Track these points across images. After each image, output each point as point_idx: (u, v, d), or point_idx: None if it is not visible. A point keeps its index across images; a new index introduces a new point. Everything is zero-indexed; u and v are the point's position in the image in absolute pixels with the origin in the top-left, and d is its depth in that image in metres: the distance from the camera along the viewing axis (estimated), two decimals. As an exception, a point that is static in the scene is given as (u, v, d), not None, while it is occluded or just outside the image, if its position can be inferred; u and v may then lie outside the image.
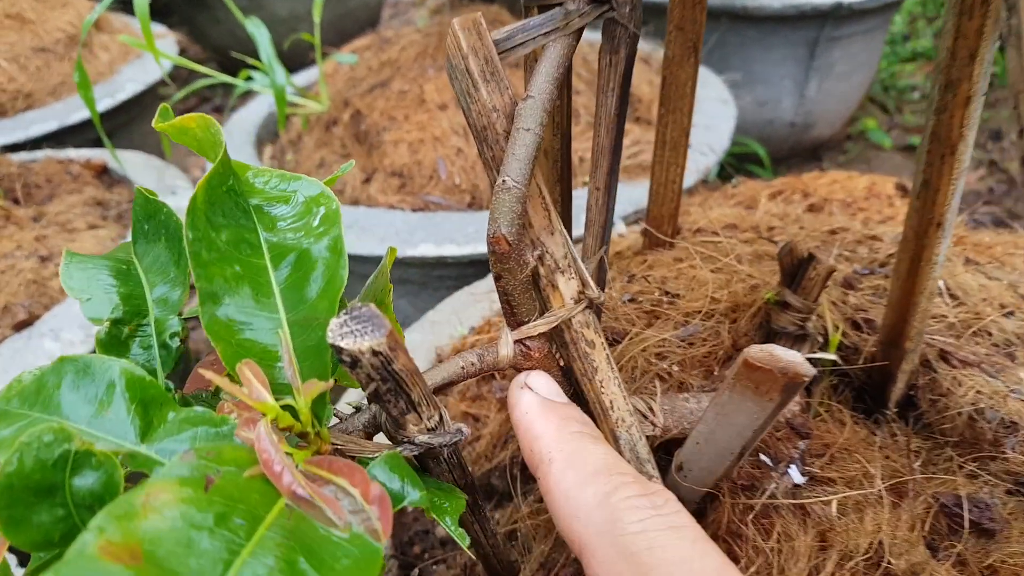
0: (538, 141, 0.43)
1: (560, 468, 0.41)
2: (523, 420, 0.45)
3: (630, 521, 0.36)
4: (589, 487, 0.39)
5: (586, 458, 0.42)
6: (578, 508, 0.39)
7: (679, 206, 0.77)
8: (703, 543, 0.36)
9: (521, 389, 0.47)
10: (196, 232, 0.37)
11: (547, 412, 0.45)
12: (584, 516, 0.38)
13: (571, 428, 0.44)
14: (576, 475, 0.40)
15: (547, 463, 0.42)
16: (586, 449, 0.42)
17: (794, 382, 0.43)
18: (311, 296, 0.38)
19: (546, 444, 0.43)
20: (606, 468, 0.40)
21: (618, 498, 0.38)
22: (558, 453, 0.42)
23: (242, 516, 0.32)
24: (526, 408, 0.46)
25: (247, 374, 0.36)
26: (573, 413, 0.46)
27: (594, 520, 0.38)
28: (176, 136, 0.42)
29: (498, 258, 0.44)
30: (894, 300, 0.64)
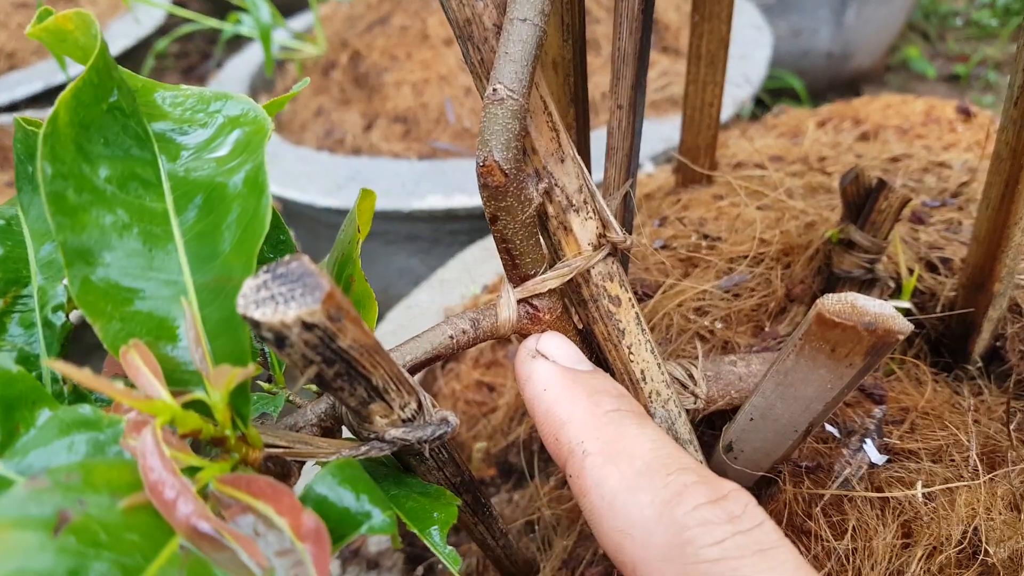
0: (539, 35, 0.33)
1: (598, 464, 0.31)
2: (541, 400, 0.35)
3: (704, 544, 0.27)
4: (642, 492, 0.30)
5: (632, 448, 0.32)
6: (630, 522, 0.29)
7: (717, 135, 0.66)
8: (801, 572, 0.26)
9: (533, 358, 0.37)
10: (59, 166, 0.27)
11: (572, 387, 0.35)
12: (640, 534, 0.29)
13: (605, 406, 0.34)
14: (621, 474, 0.31)
15: (579, 457, 0.32)
16: (629, 435, 0.32)
17: (884, 342, 0.33)
18: (224, 249, 0.27)
19: (576, 431, 0.33)
20: (660, 463, 0.31)
21: (684, 510, 0.28)
22: (593, 443, 0.32)
23: (109, 570, 0.22)
24: (543, 383, 0.35)
25: (134, 360, 0.26)
26: (604, 384, 0.36)
27: (654, 540, 0.28)
28: (55, 46, 0.32)
29: (492, 193, 0.34)
30: (980, 234, 0.53)
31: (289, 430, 0.32)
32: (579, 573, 0.51)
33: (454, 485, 0.39)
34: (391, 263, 1.32)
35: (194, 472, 0.25)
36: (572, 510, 0.55)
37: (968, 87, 2.25)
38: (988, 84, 2.24)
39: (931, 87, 2.26)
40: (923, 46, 2.46)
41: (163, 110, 0.32)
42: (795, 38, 2.02)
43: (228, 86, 1.53)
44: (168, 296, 0.27)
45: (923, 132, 0.93)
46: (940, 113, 0.98)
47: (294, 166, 1.27)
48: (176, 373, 0.27)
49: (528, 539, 0.57)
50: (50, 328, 0.31)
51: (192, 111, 0.32)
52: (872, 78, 2.26)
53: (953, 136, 0.93)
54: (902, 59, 2.36)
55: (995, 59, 2.33)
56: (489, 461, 0.71)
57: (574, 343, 0.39)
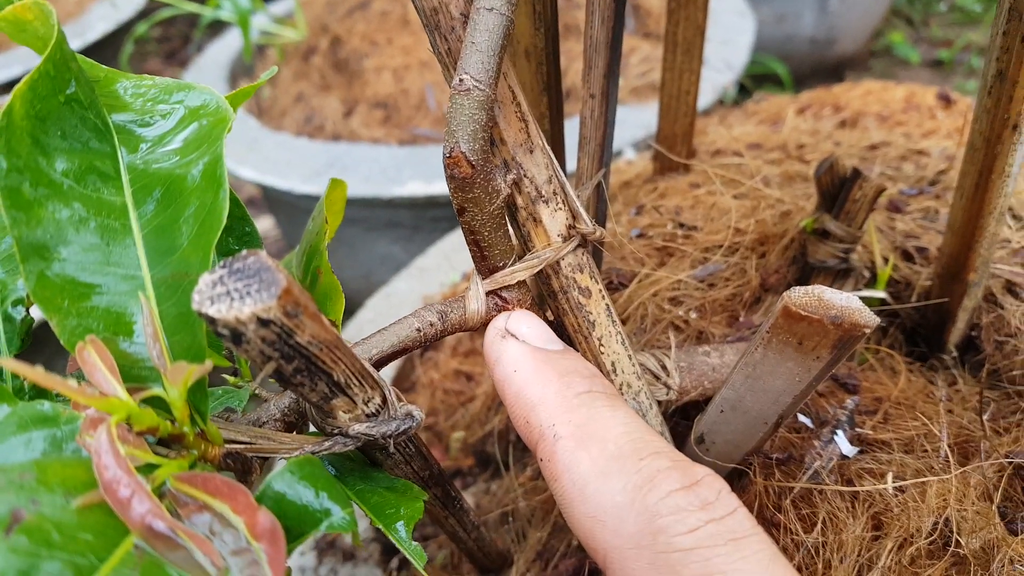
0: (506, 24, 0.33)
1: (569, 448, 0.31)
2: (512, 381, 0.34)
3: (677, 533, 0.26)
4: (614, 477, 0.29)
5: (604, 432, 0.31)
6: (601, 508, 0.29)
7: (694, 122, 0.66)
8: (776, 564, 0.26)
9: (503, 339, 0.36)
10: (14, 159, 0.26)
11: (542, 368, 0.34)
12: (612, 520, 0.28)
13: (577, 388, 0.33)
14: (593, 459, 0.30)
15: (550, 440, 0.31)
16: (601, 418, 0.32)
17: (850, 335, 0.33)
18: (182, 243, 0.27)
19: (547, 413, 0.32)
20: (632, 447, 0.30)
21: (657, 496, 0.28)
22: (564, 426, 0.32)
23: (61, 569, 0.21)
24: (513, 364, 0.34)
25: (90, 356, 0.26)
26: (576, 365, 0.35)
27: (626, 528, 0.28)
28: (15, 36, 0.31)
29: (459, 185, 0.34)
30: (956, 223, 0.53)
31: (252, 425, 0.32)
32: (553, 565, 0.51)
33: (422, 479, 0.38)
34: (372, 250, 1.31)
35: (151, 470, 0.25)
36: (547, 501, 0.55)
37: (952, 72, 2.26)
38: (971, 69, 2.25)
39: (915, 72, 2.26)
40: (907, 31, 2.46)
41: (124, 101, 0.32)
42: (779, 23, 2.01)
43: (207, 71, 1.51)
44: (126, 291, 0.27)
45: (903, 119, 0.93)
46: (920, 100, 0.98)
47: (274, 152, 1.26)
48: (134, 369, 0.27)
49: (503, 530, 0.57)
50: (10, 323, 0.31)
51: (154, 101, 0.32)
52: (856, 63, 2.26)
53: (933, 123, 0.92)
54: (886, 44, 2.36)
55: (979, 44, 2.33)
56: (467, 451, 0.71)
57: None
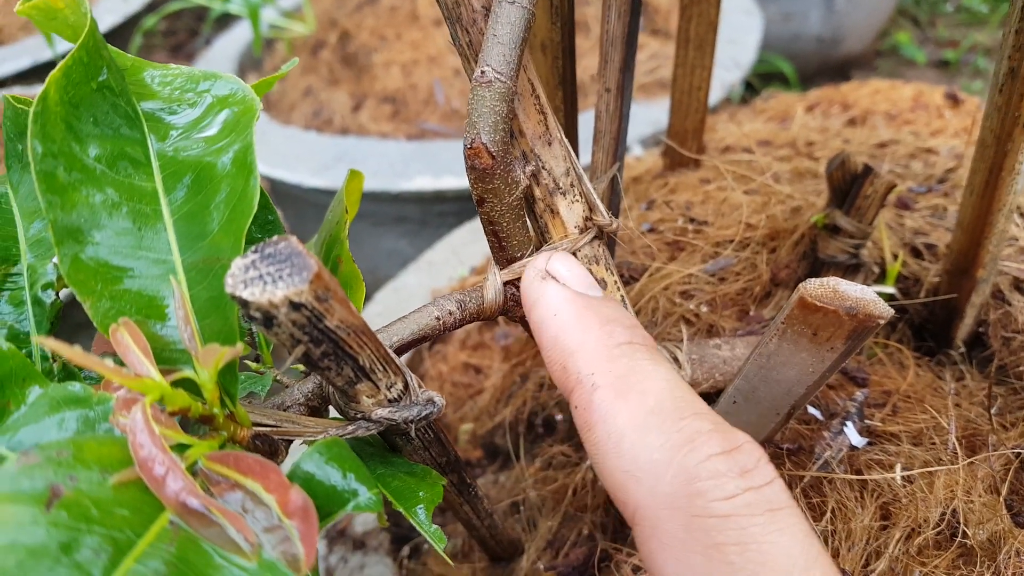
0: (527, 17, 0.33)
1: (607, 399, 0.30)
2: (551, 324, 0.33)
3: (715, 498, 0.26)
4: (652, 433, 0.28)
5: (644, 385, 0.30)
6: (637, 463, 0.28)
7: (705, 119, 0.66)
8: (809, 543, 0.25)
9: (543, 280, 0.34)
10: (49, 144, 0.27)
11: (584, 313, 0.33)
12: (647, 478, 0.27)
13: (618, 337, 0.32)
14: (631, 412, 0.29)
15: (588, 388, 0.30)
16: (642, 370, 0.30)
17: (864, 326, 0.33)
18: (212, 228, 0.28)
19: (586, 361, 0.31)
20: (674, 404, 0.29)
21: (696, 458, 0.27)
22: (604, 375, 0.30)
23: (100, 544, 0.22)
24: (553, 308, 0.33)
25: (123, 338, 0.26)
26: (617, 314, 0.33)
27: (662, 487, 0.27)
28: (45, 24, 0.32)
29: (479, 175, 0.34)
30: (965, 220, 0.53)
31: (276, 409, 0.32)
32: (563, 553, 0.52)
33: (440, 465, 0.39)
34: (379, 244, 1.31)
35: (183, 450, 0.26)
36: (557, 491, 0.56)
37: (957, 73, 2.26)
38: (977, 70, 2.25)
39: (920, 72, 2.26)
40: (913, 31, 2.46)
41: (152, 89, 0.32)
42: (785, 22, 2.01)
43: (216, 64, 1.51)
44: (157, 275, 0.28)
45: (911, 118, 0.94)
46: (928, 99, 0.98)
47: (282, 146, 1.27)
48: (165, 351, 0.28)
49: (513, 520, 0.58)
50: (40, 306, 0.31)
51: (181, 90, 0.32)
52: (862, 63, 2.26)
53: (941, 122, 0.93)
54: (892, 44, 2.36)
55: (985, 45, 2.33)
56: (475, 443, 0.72)
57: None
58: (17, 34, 1.79)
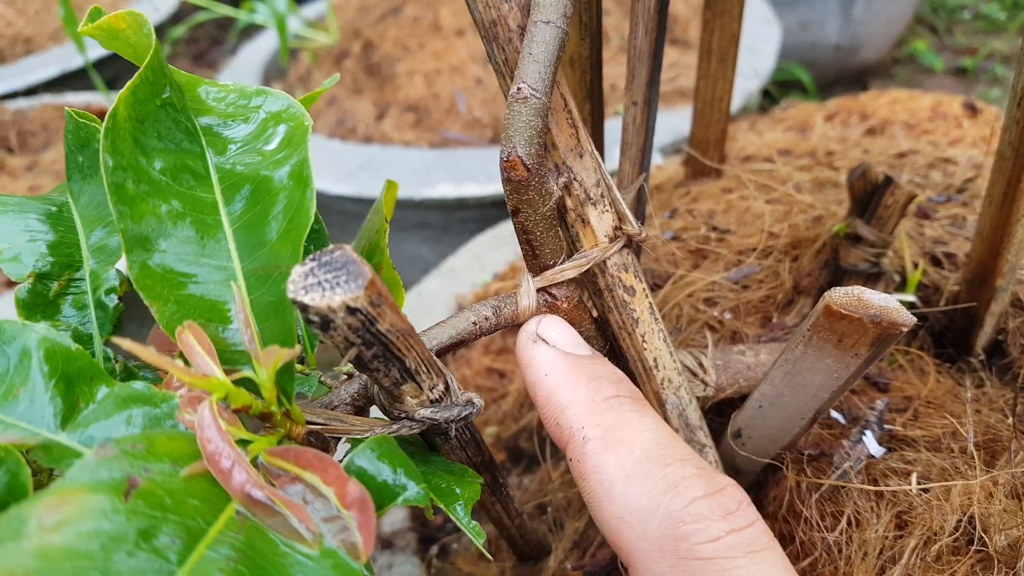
0: (562, 37, 0.35)
1: (598, 451, 0.32)
2: (543, 384, 0.35)
3: (699, 541, 0.28)
4: (640, 481, 0.30)
5: (631, 436, 0.32)
6: (628, 510, 0.30)
7: (727, 129, 0.68)
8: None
9: (534, 343, 0.37)
10: (119, 158, 0.28)
11: (572, 372, 0.35)
12: (637, 523, 0.30)
13: (605, 392, 0.35)
14: (620, 462, 0.31)
15: (579, 442, 0.33)
16: (629, 423, 0.33)
17: (888, 333, 0.35)
18: (271, 237, 0.29)
19: (576, 416, 0.34)
20: (658, 452, 0.31)
21: (680, 503, 0.29)
22: (593, 428, 0.33)
23: (175, 531, 0.24)
24: (544, 368, 0.36)
25: (189, 340, 0.28)
26: (604, 370, 0.36)
27: (650, 531, 0.29)
28: (107, 43, 0.33)
29: (515, 187, 0.35)
30: (984, 230, 0.54)
31: (325, 408, 0.34)
32: (590, 554, 0.53)
33: (475, 464, 0.40)
34: (401, 250, 1.33)
35: (245, 445, 0.27)
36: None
37: (975, 80, 2.26)
38: (995, 78, 2.25)
39: (938, 80, 2.27)
40: (931, 39, 2.46)
41: (207, 105, 0.34)
42: (803, 31, 2.02)
43: (241, 73, 1.54)
44: (219, 281, 0.29)
45: (930, 127, 0.95)
46: (947, 109, 0.99)
47: (307, 154, 1.29)
48: (226, 353, 0.29)
49: (539, 521, 0.59)
50: (103, 309, 0.33)
51: (234, 106, 0.34)
52: (880, 71, 2.27)
53: (959, 132, 0.94)
54: (910, 52, 2.37)
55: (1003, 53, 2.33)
56: (499, 446, 0.73)
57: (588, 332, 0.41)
58: (46, 43, 1.83)
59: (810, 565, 0.45)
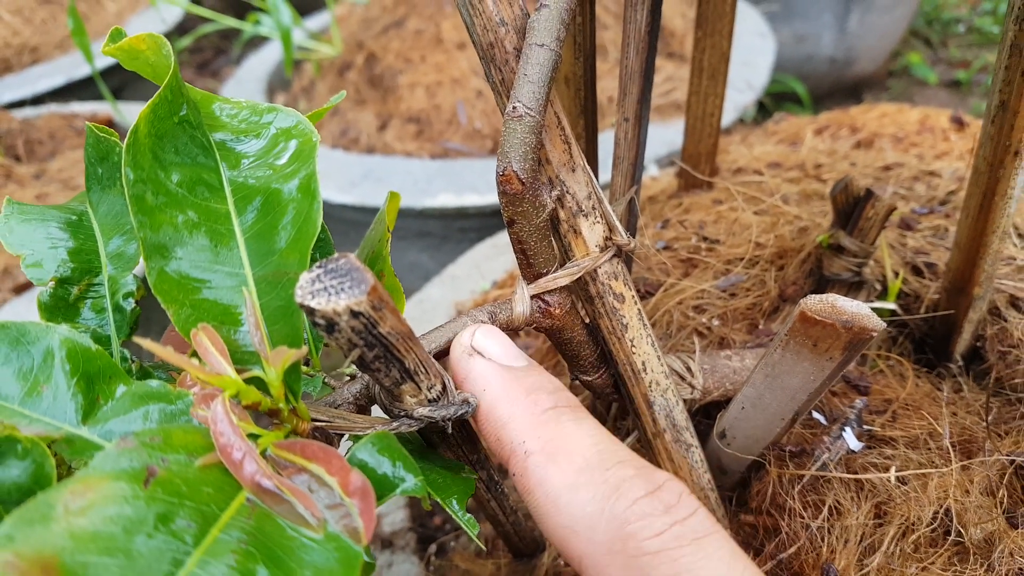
0: (555, 59, 0.37)
1: (540, 463, 0.32)
2: (481, 400, 0.35)
3: (645, 537, 0.29)
4: (583, 489, 0.31)
5: (571, 445, 0.33)
6: (574, 518, 0.31)
7: (717, 143, 0.70)
8: (737, 561, 0.29)
9: (470, 356, 0.37)
10: (139, 172, 0.31)
11: (510, 386, 0.35)
12: (584, 530, 0.30)
13: (543, 404, 0.34)
14: (563, 472, 0.32)
15: (521, 456, 0.33)
16: (568, 432, 0.33)
17: (859, 338, 0.37)
18: (280, 246, 0.32)
19: (516, 431, 0.34)
20: (599, 459, 0.32)
21: (623, 504, 0.30)
22: (534, 441, 0.33)
23: (190, 516, 0.26)
24: (482, 383, 0.36)
25: (203, 341, 0.30)
26: (541, 381, 0.36)
27: (598, 536, 0.30)
28: (128, 62, 0.36)
29: (510, 199, 0.38)
30: (962, 241, 0.56)
31: (329, 407, 0.36)
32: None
33: (471, 462, 0.42)
34: (402, 258, 1.36)
35: (254, 438, 0.29)
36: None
37: (969, 93, 2.28)
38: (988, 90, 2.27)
39: (932, 93, 2.29)
40: (925, 52, 2.49)
41: (221, 121, 0.36)
42: (799, 43, 2.05)
43: (246, 84, 1.57)
44: (231, 286, 0.31)
45: (918, 140, 0.97)
46: (934, 122, 1.01)
47: (309, 163, 1.31)
48: (237, 353, 0.31)
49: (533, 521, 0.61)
50: (121, 313, 0.35)
51: (247, 122, 0.36)
52: (874, 83, 2.30)
53: (946, 145, 0.96)
54: (904, 65, 2.39)
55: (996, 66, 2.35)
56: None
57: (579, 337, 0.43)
58: (52, 52, 1.86)
59: (795, 553, 0.47)
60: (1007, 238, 0.64)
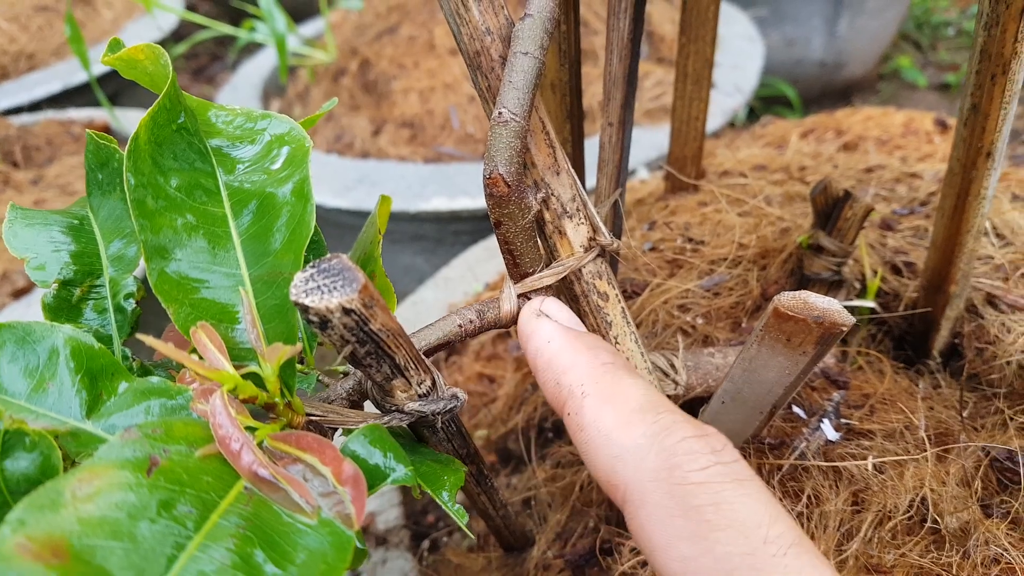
0: (539, 67, 0.38)
1: (595, 404, 0.35)
2: (545, 350, 0.39)
3: (691, 469, 0.31)
4: (636, 426, 0.33)
5: (626, 393, 0.35)
6: (624, 448, 0.33)
7: (703, 146, 0.71)
8: (773, 505, 0.30)
9: (538, 317, 0.40)
10: (140, 177, 0.32)
11: (573, 341, 0.38)
12: (632, 458, 0.32)
13: (603, 358, 0.37)
14: (617, 413, 0.34)
15: (579, 397, 0.36)
16: (624, 383, 0.36)
17: (830, 332, 0.38)
18: (275, 247, 0.33)
19: (576, 376, 0.37)
20: (651, 405, 0.34)
21: (673, 440, 0.32)
22: (592, 386, 0.36)
23: (191, 503, 0.27)
24: (548, 336, 0.39)
25: (202, 338, 0.31)
26: (600, 342, 0.39)
27: (646, 464, 0.32)
28: (126, 72, 0.37)
29: (497, 202, 0.39)
30: (938, 240, 0.58)
31: (323, 402, 0.37)
32: (571, 544, 0.57)
33: (461, 456, 0.44)
34: (397, 261, 1.37)
35: (252, 431, 0.31)
36: (566, 488, 0.60)
37: (958, 96, 2.31)
38: (978, 93, 2.29)
39: (922, 95, 2.31)
40: (915, 55, 2.51)
41: (217, 127, 0.38)
42: (788, 47, 2.07)
43: (241, 90, 1.58)
44: (229, 286, 0.33)
45: (902, 143, 0.99)
46: (919, 125, 1.03)
47: (304, 168, 1.32)
48: (235, 350, 0.33)
49: (525, 515, 0.63)
50: (122, 313, 0.37)
51: (242, 129, 0.38)
52: (864, 86, 2.32)
53: (930, 147, 0.98)
54: (894, 68, 2.42)
55: (986, 69, 2.37)
56: (489, 448, 0.76)
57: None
58: (49, 59, 1.87)
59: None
60: (982, 237, 0.66)
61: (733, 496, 0.30)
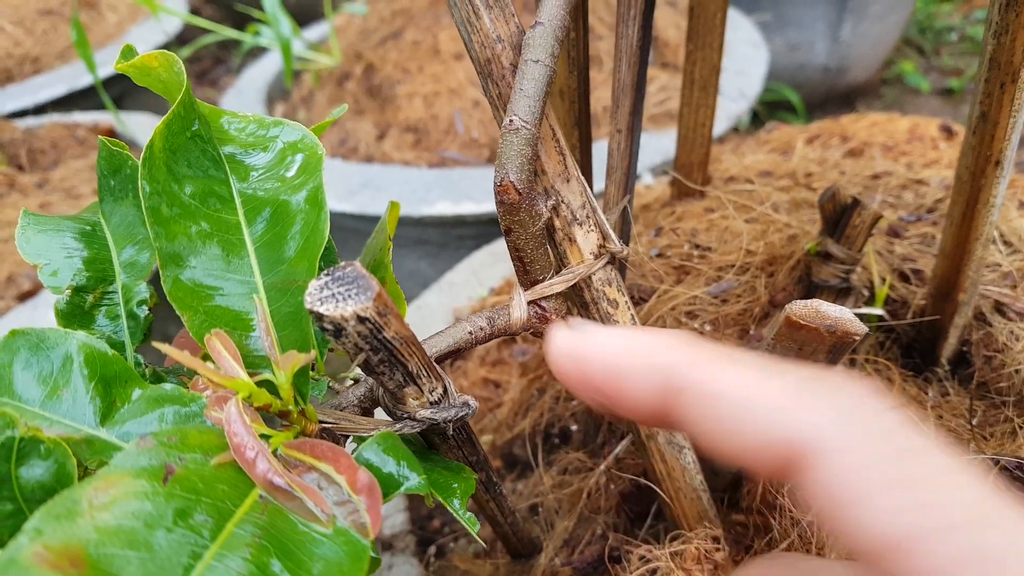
0: (549, 74, 0.38)
1: (725, 365, 0.29)
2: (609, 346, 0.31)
3: (882, 408, 0.26)
4: (774, 378, 0.28)
5: (736, 354, 0.30)
6: (788, 396, 0.27)
7: (709, 152, 0.71)
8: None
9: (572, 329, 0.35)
10: (155, 184, 0.32)
11: (631, 330, 0.33)
12: (811, 402, 0.26)
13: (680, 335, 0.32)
14: (752, 369, 0.29)
15: (695, 366, 0.29)
16: (724, 347, 0.30)
17: (843, 342, 0.38)
18: (289, 255, 0.33)
19: (677, 353, 0.30)
20: (774, 362, 0.29)
21: (842, 380, 0.27)
22: (705, 354, 0.30)
23: (207, 511, 0.27)
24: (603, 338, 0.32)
25: (216, 346, 0.32)
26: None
27: (829, 410, 0.26)
28: (140, 79, 0.37)
29: (507, 209, 0.39)
30: (946, 248, 0.58)
31: (335, 409, 0.37)
32: (579, 551, 0.57)
33: (471, 463, 0.44)
34: (401, 266, 1.37)
35: (266, 439, 0.31)
36: (573, 495, 0.60)
37: (961, 101, 2.31)
38: (981, 99, 2.29)
39: (925, 101, 2.31)
40: (918, 60, 2.51)
41: (230, 135, 0.38)
42: (792, 52, 2.07)
43: (245, 94, 1.58)
44: (243, 294, 0.33)
45: (907, 149, 0.99)
46: (924, 131, 1.03)
47: (309, 172, 1.33)
48: (249, 358, 0.33)
49: (532, 522, 0.63)
50: (135, 320, 0.37)
51: (254, 136, 0.38)
52: (867, 91, 2.32)
53: (936, 153, 0.98)
54: (897, 73, 2.42)
55: (989, 74, 2.37)
56: (495, 453, 0.76)
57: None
58: (53, 62, 1.87)
59: (786, 549, 0.48)
60: (991, 245, 0.66)
61: (927, 444, 0.27)
